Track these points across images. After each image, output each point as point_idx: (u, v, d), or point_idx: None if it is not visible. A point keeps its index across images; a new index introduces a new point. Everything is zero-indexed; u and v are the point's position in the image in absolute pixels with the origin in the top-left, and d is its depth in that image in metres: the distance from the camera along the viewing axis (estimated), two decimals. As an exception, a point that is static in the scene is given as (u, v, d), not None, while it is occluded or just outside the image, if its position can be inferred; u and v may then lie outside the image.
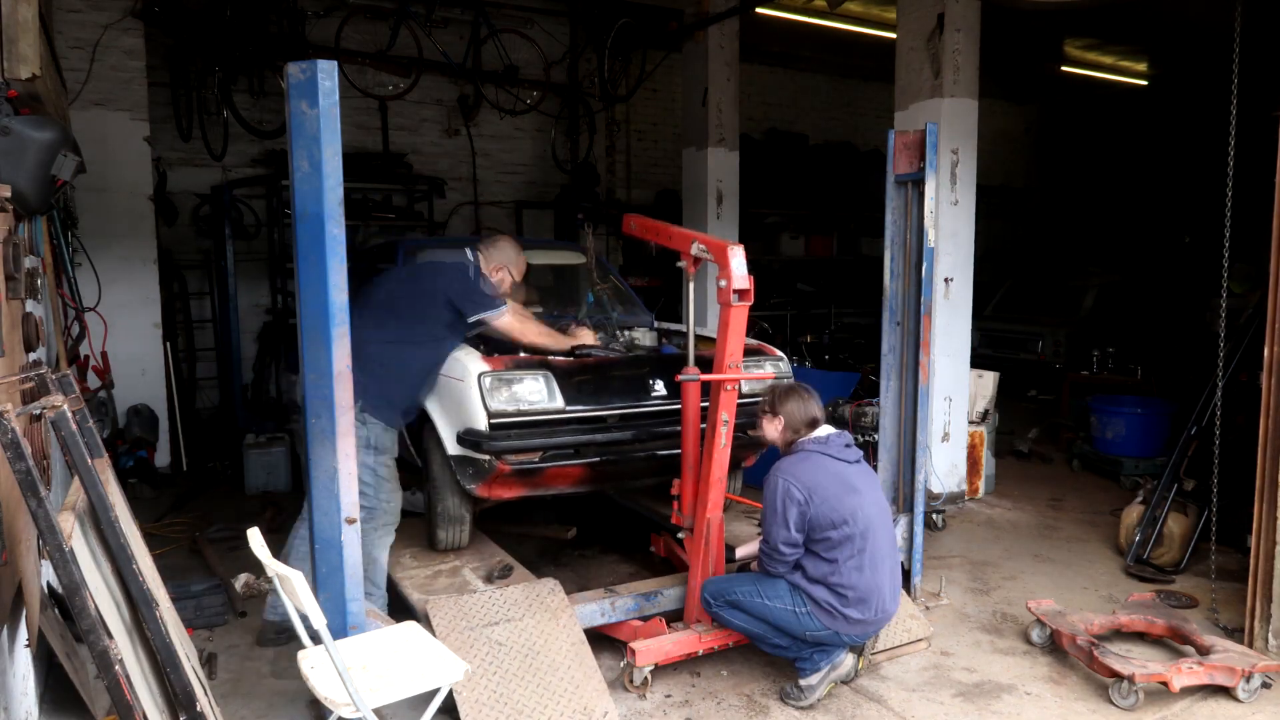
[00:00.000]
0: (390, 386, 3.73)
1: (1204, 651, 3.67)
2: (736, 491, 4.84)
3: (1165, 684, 3.42)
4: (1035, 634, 3.99)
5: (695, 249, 3.61)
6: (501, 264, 4.21)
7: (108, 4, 6.51)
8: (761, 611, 3.43)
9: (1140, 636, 4.04)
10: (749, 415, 4.22)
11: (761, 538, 3.50)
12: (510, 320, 3.99)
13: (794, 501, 3.33)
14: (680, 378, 3.66)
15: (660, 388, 4.06)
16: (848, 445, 3.52)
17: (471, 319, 3.91)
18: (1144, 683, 3.43)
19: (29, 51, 3.19)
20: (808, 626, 3.37)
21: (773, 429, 3.59)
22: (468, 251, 4.28)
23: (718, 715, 3.42)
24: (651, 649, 3.54)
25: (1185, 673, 3.45)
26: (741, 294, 3.38)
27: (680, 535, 3.92)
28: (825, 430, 3.55)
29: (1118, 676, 3.47)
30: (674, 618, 3.82)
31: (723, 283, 3.38)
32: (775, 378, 4.35)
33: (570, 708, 3.17)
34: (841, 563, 3.34)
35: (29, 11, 3.20)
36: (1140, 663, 3.51)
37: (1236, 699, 3.50)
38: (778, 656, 3.57)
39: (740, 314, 3.42)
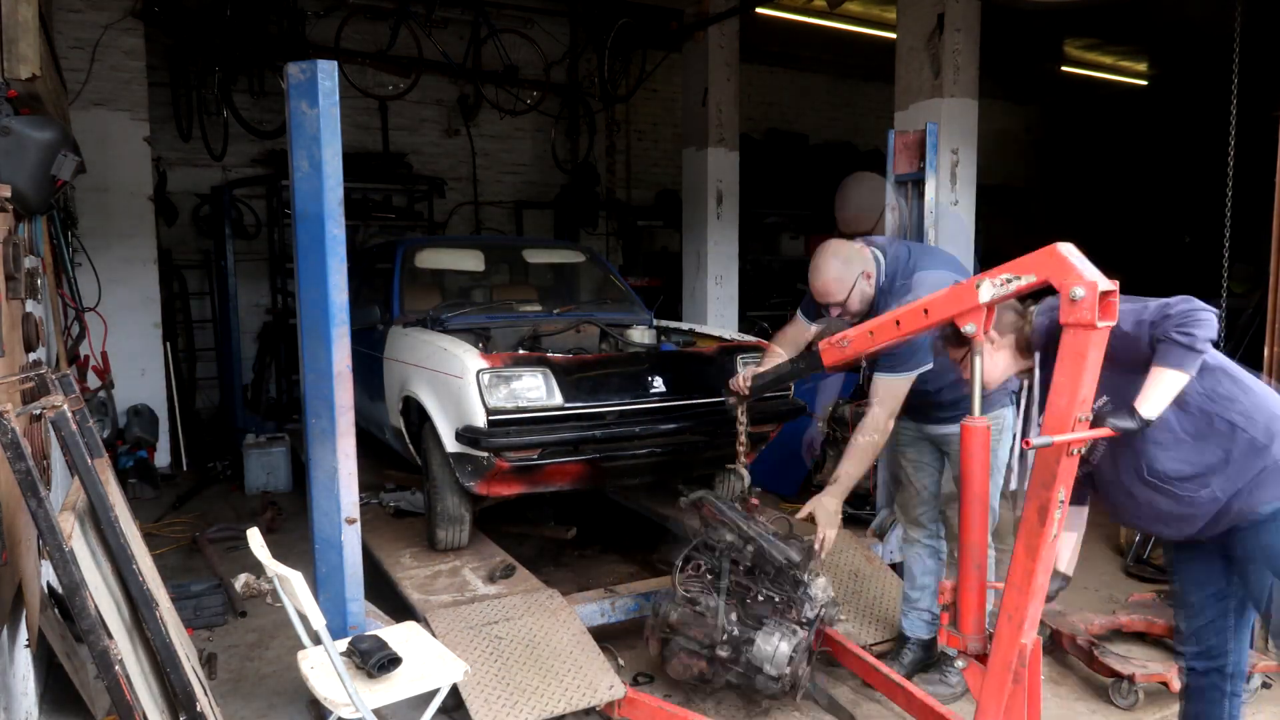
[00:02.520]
0: None
1: None
2: (735, 495, 4.81)
3: (1165, 684, 3.41)
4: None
5: (988, 292, 2.32)
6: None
7: (108, 4, 6.51)
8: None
9: (1140, 637, 4.04)
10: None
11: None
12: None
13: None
14: (1033, 443, 2.18)
15: (659, 385, 4.05)
16: None
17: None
18: (1144, 683, 3.42)
19: (29, 51, 3.20)
20: None
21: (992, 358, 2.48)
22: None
23: (718, 715, 3.41)
24: None
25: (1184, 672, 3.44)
26: (1106, 304, 2.14)
27: (960, 664, 2.93)
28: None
29: (1118, 676, 3.46)
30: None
31: (1081, 291, 2.12)
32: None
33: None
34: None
35: (29, 11, 3.20)
36: (1140, 663, 3.51)
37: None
38: None
39: (1100, 339, 2.17)
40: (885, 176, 4.53)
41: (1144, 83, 12.33)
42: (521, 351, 4.13)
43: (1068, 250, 2.19)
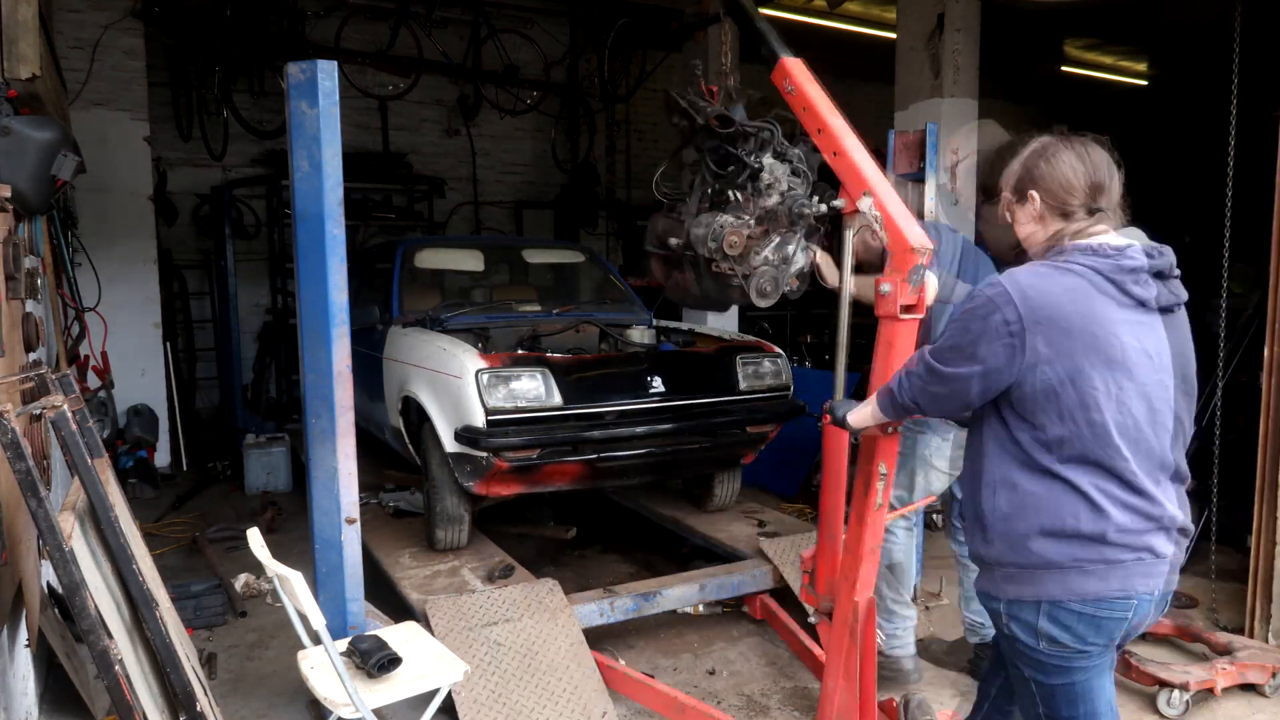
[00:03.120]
0: None
1: (1223, 650, 3.68)
2: (734, 495, 4.83)
3: (1211, 689, 3.42)
4: None
5: (865, 206, 2.52)
6: None
7: (108, 4, 6.51)
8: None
9: (1142, 636, 4.04)
10: (748, 412, 4.23)
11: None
12: None
13: (1003, 324, 1.86)
14: (824, 419, 2.54)
15: (658, 385, 4.05)
16: (1160, 274, 1.96)
17: None
18: (1194, 690, 3.41)
19: (29, 51, 3.20)
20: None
21: (1027, 216, 2.04)
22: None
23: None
24: None
25: (1221, 674, 3.46)
26: (912, 309, 2.45)
27: (812, 619, 3.09)
28: (1122, 238, 1.99)
29: (1164, 685, 3.42)
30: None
31: (886, 288, 2.42)
32: (768, 375, 4.35)
33: (569, 708, 3.17)
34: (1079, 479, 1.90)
35: (29, 11, 3.20)
36: (1182, 669, 3.47)
37: (1264, 695, 3.54)
38: None
39: (910, 332, 2.49)
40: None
41: (1144, 83, 12.33)
42: (521, 351, 4.13)
43: (921, 249, 2.40)
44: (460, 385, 3.78)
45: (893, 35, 6.41)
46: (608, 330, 4.62)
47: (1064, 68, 11.52)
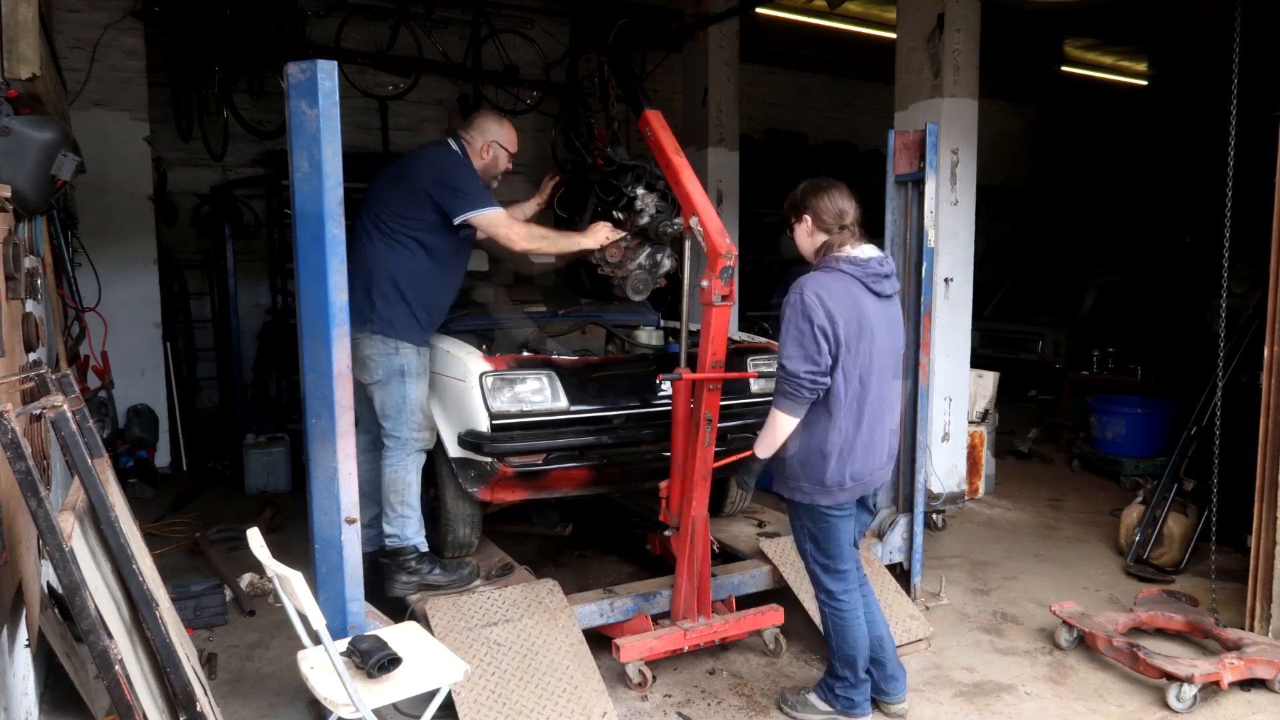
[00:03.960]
0: (397, 302, 3.62)
1: (1232, 645, 3.69)
2: (744, 502, 4.83)
3: (1218, 683, 3.44)
4: (1064, 637, 3.97)
5: (694, 224, 3.50)
6: (488, 140, 3.92)
7: (108, 4, 6.51)
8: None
9: (1154, 633, 4.05)
10: (758, 416, 4.21)
11: (778, 365, 3.07)
12: (497, 217, 3.63)
13: (821, 316, 2.95)
14: (664, 378, 3.66)
15: (667, 388, 4.01)
16: (887, 276, 3.11)
17: (458, 219, 3.60)
18: (1201, 683, 3.43)
19: (29, 51, 3.20)
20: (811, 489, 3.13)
21: (803, 234, 3.21)
22: (450, 142, 3.89)
23: (717, 715, 3.42)
24: (636, 645, 3.55)
25: (1229, 668, 3.46)
26: (726, 297, 3.40)
27: (668, 533, 3.83)
28: (867, 250, 3.13)
29: (1173, 678, 3.43)
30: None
31: (705, 283, 3.37)
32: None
33: (569, 708, 3.17)
34: (835, 413, 3.05)
35: (29, 11, 3.20)
36: (1189, 662, 3.48)
37: (1273, 690, 3.55)
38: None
39: (723, 315, 3.43)
40: (885, 176, 4.53)
41: (1144, 83, 12.33)
42: (525, 353, 4.06)
43: (727, 258, 3.34)
44: (464, 388, 3.73)
45: (893, 35, 6.41)
46: (614, 331, 4.58)
47: (1064, 68, 11.53)
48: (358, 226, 3.74)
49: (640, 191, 3.90)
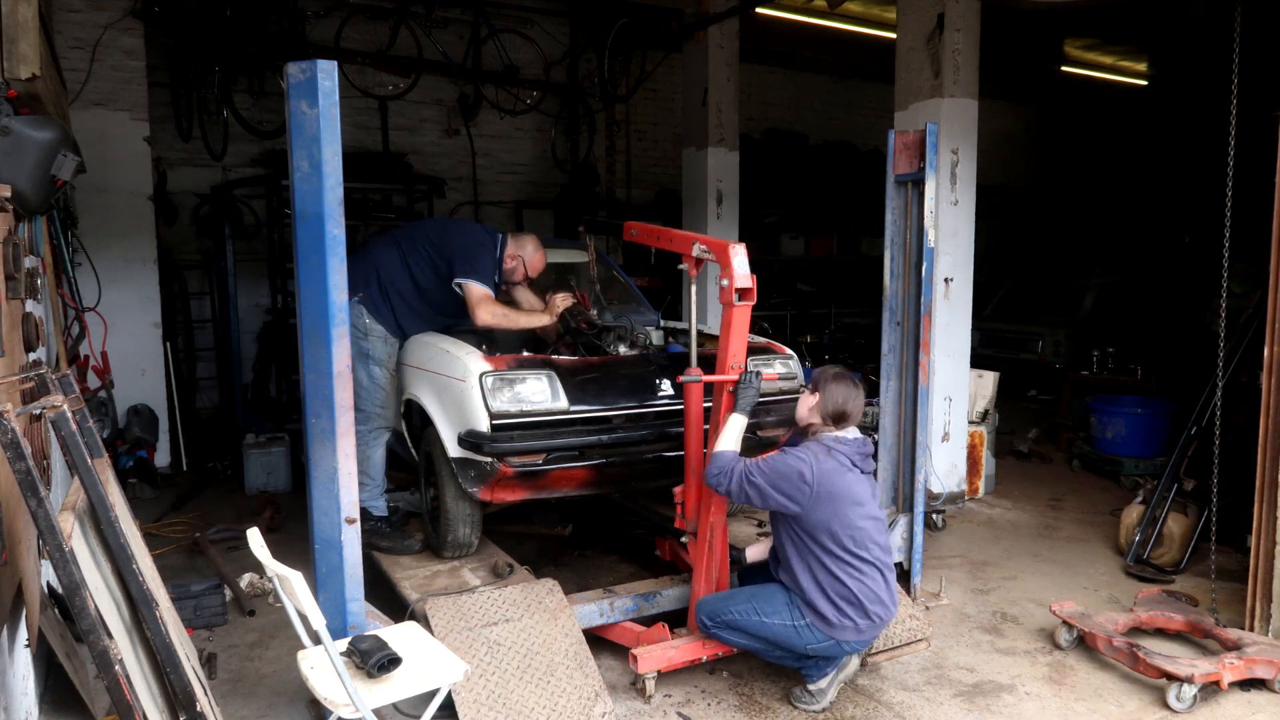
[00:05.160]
0: (394, 302, 4.24)
1: (1232, 645, 3.69)
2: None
3: (1217, 683, 3.44)
4: (1063, 637, 3.97)
5: (697, 250, 3.60)
6: (517, 254, 4.44)
7: (108, 4, 6.51)
8: (759, 630, 3.36)
9: (1154, 633, 4.05)
10: (771, 414, 4.21)
11: (732, 455, 3.36)
12: (482, 295, 4.14)
13: (803, 483, 3.24)
14: (682, 379, 3.59)
15: (667, 387, 4.01)
16: (866, 456, 3.44)
17: (455, 280, 4.17)
18: (1200, 682, 3.42)
19: (29, 51, 3.20)
20: (808, 640, 3.32)
21: (806, 406, 3.47)
22: (499, 234, 4.48)
23: (717, 715, 3.42)
24: (654, 655, 3.48)
25: (1229, 669, 3.46)
26: (744, 293, 3.37)
27: (684, 540, 3.83)
28: (853, 432, 3.46)
29: (1173, 678, 3.43)
30: (678, 620, 3.80)
31: (724, 282, 3.38)
32: (780, 377, 4.35)
33: (569, 708, 3.17)
34: (841, 572, 3.30)
35: (29, 11, 3.20)
36: (1189, 663, 3.48)
37: (1272, 690, 3.55)
38: (783, 665, 3.57)
39: (743, 314, 3.42)
40: (885, 176, 4.54)
41: (1144, 83, 12.34)
42: (525, 353, 4.08)
43: (735, 250, 3.38)
44: (464, 388, 3.73)
45: (893, 35, 6.41)
46: (627, 330, 4.58)
47: (1064, 68, 11.53)
48: (386, 235, 4.45)
49: (622, 349, 4.32)
